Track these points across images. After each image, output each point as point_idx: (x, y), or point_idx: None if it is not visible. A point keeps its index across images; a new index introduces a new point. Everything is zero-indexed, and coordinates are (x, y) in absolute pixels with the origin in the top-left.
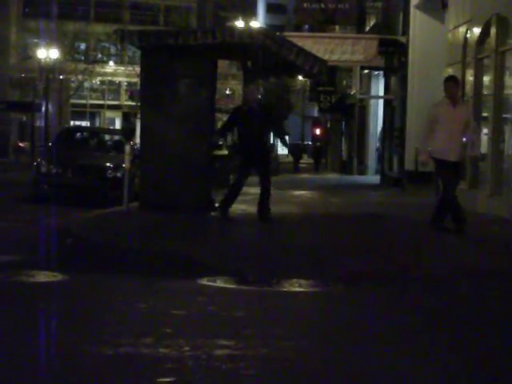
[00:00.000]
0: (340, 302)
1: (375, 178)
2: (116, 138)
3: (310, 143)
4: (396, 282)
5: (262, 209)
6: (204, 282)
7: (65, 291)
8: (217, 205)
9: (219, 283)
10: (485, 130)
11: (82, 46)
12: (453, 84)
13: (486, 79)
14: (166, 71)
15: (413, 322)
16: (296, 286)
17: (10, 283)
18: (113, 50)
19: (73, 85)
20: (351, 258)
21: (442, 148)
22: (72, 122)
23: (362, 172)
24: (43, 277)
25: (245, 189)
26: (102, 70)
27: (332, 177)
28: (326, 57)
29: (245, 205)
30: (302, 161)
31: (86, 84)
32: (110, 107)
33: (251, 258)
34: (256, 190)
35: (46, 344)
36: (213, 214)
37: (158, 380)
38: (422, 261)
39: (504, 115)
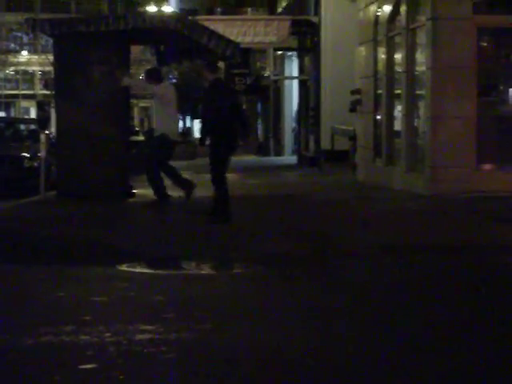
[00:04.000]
0: (256, 284)
1: (292, 159)
2: (31, 127)
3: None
4: (312, 261)
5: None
6: (123, 267)
7: None
8: (134, 191)
9: (138, 269)
10: (398, 107)
11: None
12: None
13: (398, 56)
14: (79, 59)
15: (334, 300)
16: (214, 269)
17: None
18: (25, 39)
19: None
20: (268, 240)
21: None
22: None
23: (279, 153)
24: None
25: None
26: (16, 60)
27: (249, 158)
28: (239, 39)
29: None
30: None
31: (0, 74)
32: (25, 97)
33: (170, 243)
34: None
35: None
36: (130, 200)
37: (80, 367)
38: (344, 239)
39: (417, 92)
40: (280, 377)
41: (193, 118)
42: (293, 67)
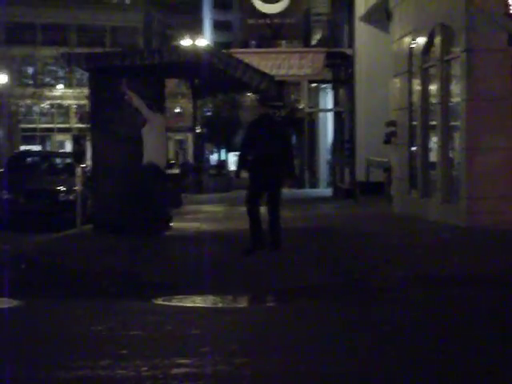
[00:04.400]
0: (291, 317)
1: (327, 191)
2: (67, 160)
3: None
4: (355, 293)
5: (276, 234)
6: (159, 301)
7: (19, 317)
8: (171, 224)
9: (175, 302)
10: (433, 139)
11: (30, 70)
12: None
13: (433, 88)
14: (114, 92)
15: (371, 334)
16: (252, 302)
17: None
18: (61, 72)
19: (22, 109)
20: (303, 272)
21: None
22: (23, 147)
23: (314, 185)
24: None
25: (197, 207)
26: (51, 94)
27: (284, 191)
28: (274, 72)
29: (198, 222)
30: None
31: (35, 108)
32: (60, 130)
33: (205, 277)
34: (212, 208)
35: (1, 369)
36: (167, 233)
37: None
38: (374, 271)
39: (452, 123)
40: None
41: (228, 151)
42: (327, 99)
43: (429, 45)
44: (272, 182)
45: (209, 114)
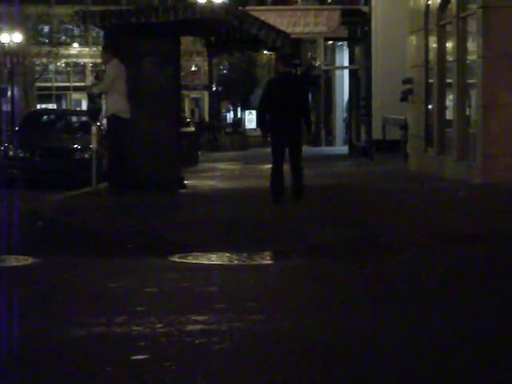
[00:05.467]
0: (307, 274)
1: (344, 149)
2: (83, 119)
3: None
4: (365, 251)
5: (299, 187)
6: (175, 258)
7: (35, 274)
8: (186, 182)
9: (190, 259)
10: (450, 96)
11: (46, 29)
12: None
13: (449, 45)
14: (130, 50)
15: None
16: (267, 259)
17: None
18: (76, 31)
19: (38, 68)
20: (319, 230)
21: None
22: (38, 106)
23: (330, 143)
24: (13, 261)
25: (213, 165)
26: (67, 52)
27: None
28: (289, 29)
29: (213, 181)
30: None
31: (51, 67)
32: (76, 89)
33: (221, 234)
34: (228, 166)
35: (16, 326)
36: (182, 191)
37: (132, 358)
38: (394, 228)
39: (469, 80)
40: (326, 366)
41: (243, 109)
42: (343, 57)
43: (445, 1)
44: (292, 138)
45: (224, 71)
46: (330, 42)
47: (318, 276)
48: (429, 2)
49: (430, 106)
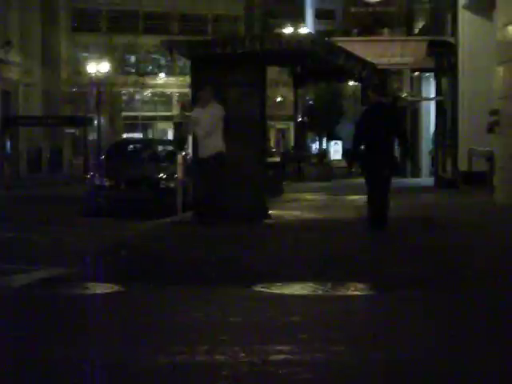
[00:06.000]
0: (391, 305)
1: (429, 180)
2: (168, 148)
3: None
4: (446, 287)
5: (383, 217)
6: (259, 288)
7: (121, 302)
8: (270, 212)
9: (274, 289)
10: None
11: (132, 59)
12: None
13: None
14: (216, 80)
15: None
16: (351, 289)
17: (66, 295)
18: (163, 61)
19: (124, 98)
20: (405, 261)
21: None
22: (125, 135)
23: (416, 174)
24: (99, 288)
25: (298, 195)
26: (153, 82)
27: None
28: (376, 60)
29: (298, 211)
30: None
31: (138, 96)
32: (162, 118)
33: (305, 264)
34: (312, 196)
35: (103, 354)
36: (266, 221)
37: None
38: (475, 265)
39: None
40: None
41: (329, 140)
42: (430, 88)
43: None
44: (386, 166)
45: (310, 102)
46: (417, 73)
47: (402, 309)
48: None
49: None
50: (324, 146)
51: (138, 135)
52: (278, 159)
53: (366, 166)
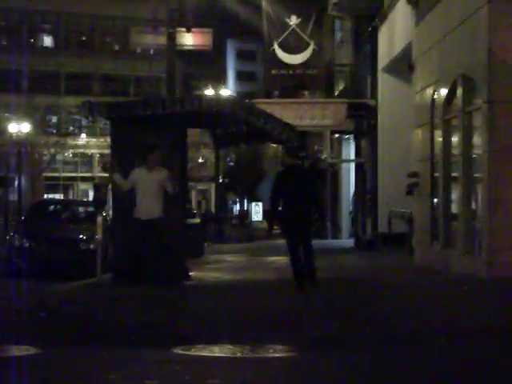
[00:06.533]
0: (316, 368)
1: (350, 242)
2: (88, 209)
3: None
4: (373, 344)
5: (312, 272)
6: (178, 351)
7: (37, 365)
8: (191, 274)
9: (194, 352)
10: (455, 190)
11: (54, 119)
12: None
13: (455, 139)
14: (136, 141)
15: None
16: (270, 351)
17: None
18: (84, 122)
19: (45, 158)
20: (325, 321)
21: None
22: (45, 196)
23: (336, 236)
24: (15, 351)
25: (219, 256)
26: (74, 143)
27: None
28: (296, 122)
29: (218, 272)
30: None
31: (59, 157)
32: (84, 179)
33: (225, 326)
34: (233, 258)
35: None
36: (187, 282)
37: None
38: (394, 323)
39: (474, 174)
40: None
41: (250, 201)
42: (350, 150)
43: (451, 96)
44: (303, 227)
45: (231, 163)
46: (337, 135)
47: (322, 370)
48: (434, 97)
49: (435, 200)
50: (245, 207)
51: (59, 196)
52: (198, 220)
53: (284, 226)
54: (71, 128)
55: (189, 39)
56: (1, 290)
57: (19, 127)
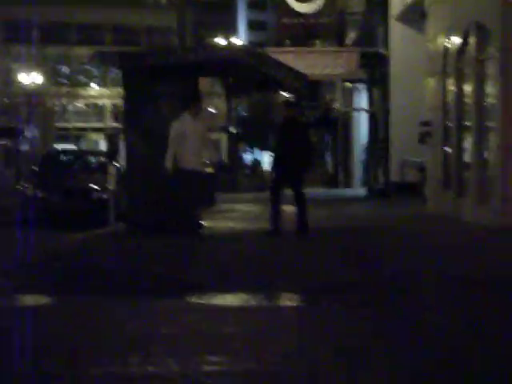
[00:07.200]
0: (323, 315)
1: (362, 190)
2: (101, 159)
3: None
4: (386, 294)
5: (301, 223)
6: (193, 300)
7: (51, 314)
8: (203, 223)
9: (208, 300)
10: (468, 139)
11: (65, 70)
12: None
13: (467, 88)
14: (148, 91)
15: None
16: (285, 300)
17: None
18: (96, 72)
19: (56, 108)
20: (334, 271)
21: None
22: (57, 146)
23: (349, 185)
24: (30, 300)
25: (231, 206)
26: (86, 93)
27: (318, 190)
28: (308, 71)
29: (231, 222)
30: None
31: (70, 107)
32: (95, 129)
33: (239, 275)
34: (245, 207)
35: (28, 368)
36: (200, 232)
37: None
38: (406, 272)
39: (487, 123)
40: None
41: (262, 151)
42: (362, 99)
43: (464, 44)
44: (292, 177)
45: (243, 113)
46: (349, 84)
47: (332, 320)
48: (447, 45)
49: (447, 149)
50: (257, 156)
51: (70, 146)
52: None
53: (273, 171)
54: (82, 78)
55: None
56: (13, 240)
57: (30, 78)
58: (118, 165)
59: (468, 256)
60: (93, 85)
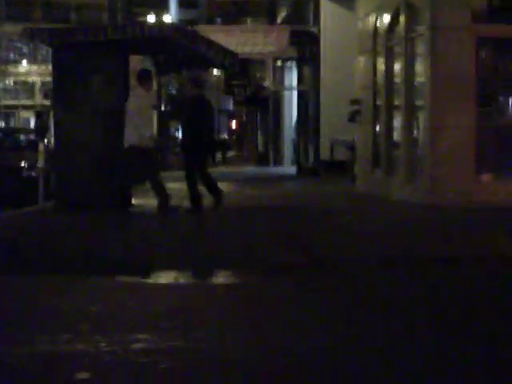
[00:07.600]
0: (250, 293)
1: (292, 169)
2: (30, 137)
3: (226, 137)
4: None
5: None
6: (121, 278)
7: None
8: (133, 201)
9: (137, 279)
10: (398, 118)
11: None
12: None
13: (397, 67)
14: (77, 68)
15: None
16: (214, 277)
17: None
18: (25, 49)
19: None
20: (261, 249)
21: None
22: None
23: (279, 163)
24: None
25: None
26: (15, 70)
27: (249, 169)
28: (238, 49)
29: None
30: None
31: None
32: (25, 107)
33: (168, 252)
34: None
35: None
36: (130, 209)
37: (76, 376)
38: (334, 249)
39: (416, 102)
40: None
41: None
42: (292, 77)
43: (394, 23)
44: (197, 156)
45: (173, 91)
46: (279, 63)
47: (258, 295)
48: (377, 24)
49: (377, 128)
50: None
51: (0, 124)
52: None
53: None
54: (12, 55)
55: None
56: None
57: None
58: (47, 142)
59: (391, 234)
60: (23, 62)
